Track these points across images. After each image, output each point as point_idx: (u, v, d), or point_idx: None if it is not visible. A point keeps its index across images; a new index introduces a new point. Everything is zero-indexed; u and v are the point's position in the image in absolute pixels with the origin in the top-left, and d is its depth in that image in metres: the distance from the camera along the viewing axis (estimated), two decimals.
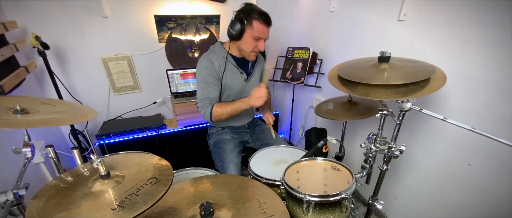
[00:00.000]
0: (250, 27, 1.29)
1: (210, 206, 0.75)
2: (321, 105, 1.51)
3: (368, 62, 1.04)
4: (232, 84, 1.43)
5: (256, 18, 1.27)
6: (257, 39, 1.32)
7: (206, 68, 1.35)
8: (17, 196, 0.74)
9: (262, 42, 1.34)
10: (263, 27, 1.29)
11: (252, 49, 1.36)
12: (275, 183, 1.11)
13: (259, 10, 1.28)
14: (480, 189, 1.18)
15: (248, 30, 1.30)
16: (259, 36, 1.31)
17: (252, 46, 1.35)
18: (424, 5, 1.26)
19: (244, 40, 1.33)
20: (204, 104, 1.37)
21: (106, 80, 2.07)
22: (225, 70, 1.39)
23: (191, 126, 2.08)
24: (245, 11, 1.28)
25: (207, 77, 1.36)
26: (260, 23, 1.28)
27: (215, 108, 1.35)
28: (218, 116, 1.36)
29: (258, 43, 1.34)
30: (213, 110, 1.35)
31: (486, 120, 1.11)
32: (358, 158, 1.93)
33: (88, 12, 1.83)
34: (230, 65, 1.42)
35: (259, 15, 1.27)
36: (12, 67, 1.39)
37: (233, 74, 1.43)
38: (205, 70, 1.36)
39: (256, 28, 1.29)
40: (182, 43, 2.18)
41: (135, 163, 0.84)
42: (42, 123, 0.72)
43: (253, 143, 1.65)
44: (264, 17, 1.28)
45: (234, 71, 1.44)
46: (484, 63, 1.08)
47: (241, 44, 1.36)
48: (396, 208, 1.67)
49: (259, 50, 1.37)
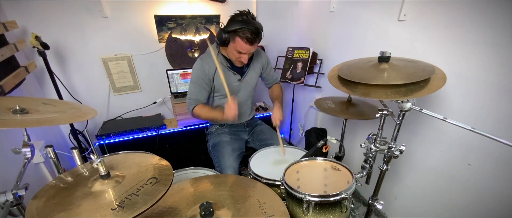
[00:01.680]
0: (233, 41, 1.29)
1: (210, 206, 0.75)
2: (321, 102, 1.51)
3: (368, 62, 1.04)
4: (226, 84, 1.42)
5: (240, 36, 1.24)
6: (239, 52, 1.32)
7: (197, 70, 1.42)
8: (16, 196, 0.74)
9: (245, 56, 1.34)
10: (246, 45, 1.26)
11: (235, 60, 1.39)
12: (275, 183, 1.11)
13: (245, 29, 1.22)
14: (480, 189, 1.18)
15: (232, 43, 1.31)
16: (240, 51, 1.31)
17: (236, 57, 1.36)
18: (424, 5, 1.26)
19: (229, 49, 1.36)
20: (190, 102, 1.46)
21: (106, 80, 2.07)
22: (216, 72, 1.39)
23: (191, 126, 2.08)
24: (229, 26, 1.25)
25: (197, 79, 1.43)
26: (243, 42, 1.25)
27: (196, 109, 1.45)
28: (197, 115, 1.47)
29: (241, 56, 1.33)
30: (194, 110, 1.46)
31: (486, 120, 1.11)
32: (358, 158, 1.93)
33: (88, 12, 1.83)
34: (223, 67, 1.42)
35: (243, 33, 1.22)
36: (12, 67, 1.39)
37: (226, 75, 1.43)
38: (197, 72, 1.42)
39: (239, 45, 1.28)
40: (182, 43, 2.18)
41: (135, 163, 0.84)
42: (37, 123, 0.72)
43: (253, 143, 1.65)
44: (248, 36, 1.23)
45: (227, 73, 1.44)
46: (484, 63, 1.08)
47: (228, 51, 1.39)
48: (396, 208, 1.68)
49: (242, 62, 1.38)
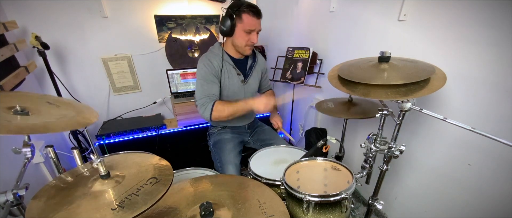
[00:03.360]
0: (240, 21, 1.30)
1: (210, 206, 0.75)
2: (321, 103, 1.51)
3: (368, 62, 1.03)
4: (229, 85, 1.44)
5: (245, 11, 1.28)
6: (249, 32, 1.33)
7: (205, 66, 1.37)
8: (17, 196, 0.74)
9: (254, 35, 1.35)
10: (253, 20, 1.30)
11: (245, 43, 1.37)
12: (275, 183, 1.11)
13: (247, 3, 1.30)
14: (480, 189, 1.18)
15: (239, 25, 1.31)
16: (250, 29, 1.32)
17: (245, 40, 1.36)
18: (424, 5, 1.25)
19: (236, 35, 1.35)
20: (204, 101, 1.33)
21: (106, 80, 2.07)
22: (223, 70, 1.40)
23: (191, 126, 2.08)
24: (233, 6, 1.30)
25: (207, 75, 1.36)
26: (250, 16, 1.29)
27: (217, 104, 1.31)
28: (219, 112, 1.31)
29: (250, 36, 1.35)
30: (215, 106, 1.30)
31: (486, 120, 1.11)
32: (358, 158, 1.93)
33: (88, 12, 1.83)
34: (228, 65, 1.43)
35: (248, 8, 1.28)
36: (12, 67, 1.39)
37: (230, 75, 1.44)
38: (204, 68, 1.37)
39: (246, 21, 1.30)
40: (182, 43, 2.18)
41: (135, 163, 0.84)
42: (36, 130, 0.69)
43: (254, 143, 1.65)
44: (253, 9, 1.29)
45: (231, 72, 1.44)
46: (484, 63, 1.08)
47: (235, 40, 1.38)
48: (396, 208, 1.67)
49: (253, 42, 1.37)
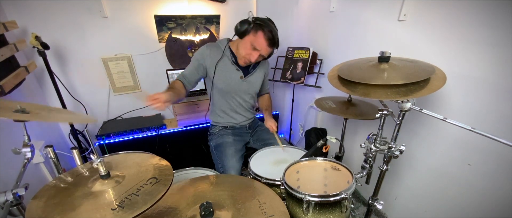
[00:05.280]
0: (254, 34, 1.31)
1: (210, 206, 0.75)
2: (321, 102, 1.51)
3: (368, 62, 1.03)
4: (225, 77, 1.45)
5: (263, 31, 1.30)
6: (254, 48, 1.34)
7: (199, 53, 1.45)
8: (16, 196, 0.74)
9: (257, 54, 1.36)
10: (263, 42, 1.32)
11: (245, 55, 1.38)
12: (275, 183, 1.11)
13: (271, 29, 1.31)
14: (480, 189, 1.18)
15: (251, 36, 1.32)
16: (256, 47, 1.33)
17: (246, 53, 1.36)
18: (424, 5, 1.26)
19: (243, 42, 1.36)
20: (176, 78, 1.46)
21: (106, 80, 2.07)
22: (220, 62, 1.43)
23: (191, 126, 2.07)
24: (259, 19, 1.31)
25: (194, 60, 1.45)
26: (263, 38, 1.31)
27: (173, 82, 1.43)
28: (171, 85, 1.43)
29: (253, 53, 1.35)
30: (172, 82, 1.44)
31: (486, 120, 1.11)
32: (358, 158, 1.93)
33: (88, 12, 1.83)
34: (227, 60, 1.45)
35: (267, 31, 1.30)
36: (12, 67, 1.39)
37: (227, 68, 1.46)
38: (197, 54, 1.45)
39: (257, 39, 1.31)
40: (182, 43, 2.18)
41: (135, 163, 0.84)
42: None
43: (254, 143, 1.65)
44: (270, 35, 1.30)
45: (229, 67, 1.46)
46: (484, 63, 1.08)
47: (239, 45, 1.39)
48: (396, 208, 1.67)
49: (250, 60, 1.39)
